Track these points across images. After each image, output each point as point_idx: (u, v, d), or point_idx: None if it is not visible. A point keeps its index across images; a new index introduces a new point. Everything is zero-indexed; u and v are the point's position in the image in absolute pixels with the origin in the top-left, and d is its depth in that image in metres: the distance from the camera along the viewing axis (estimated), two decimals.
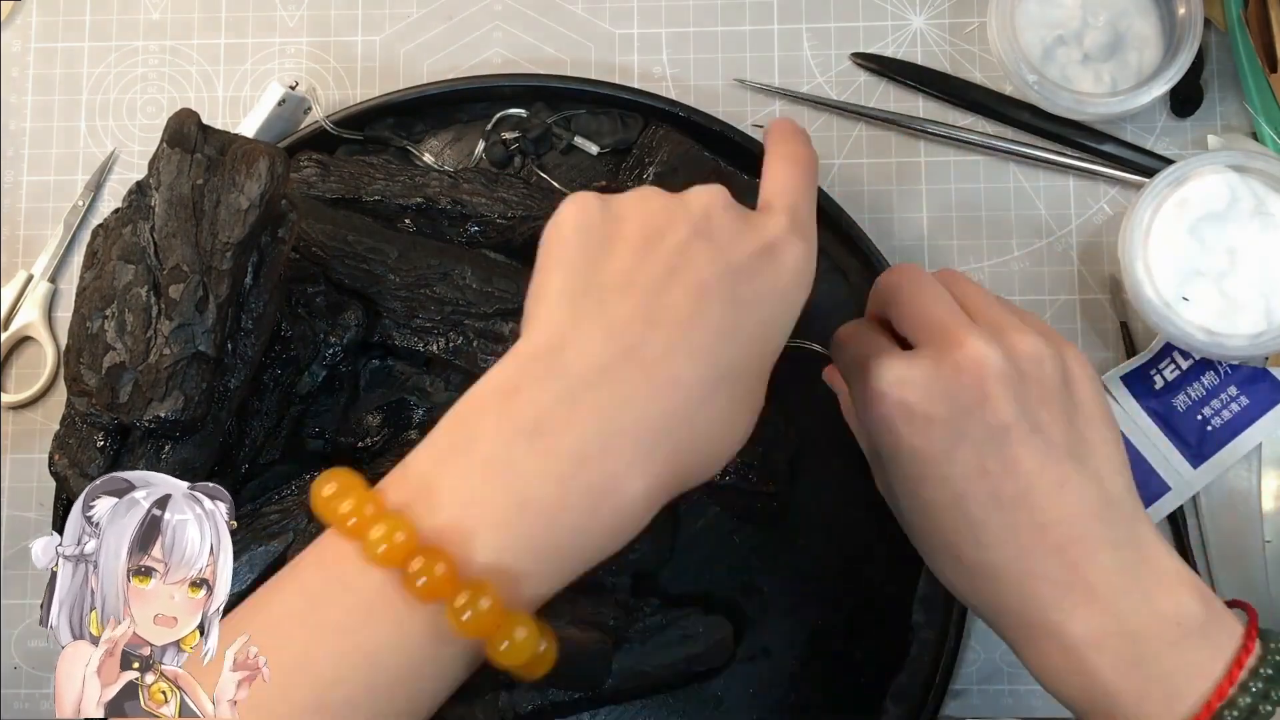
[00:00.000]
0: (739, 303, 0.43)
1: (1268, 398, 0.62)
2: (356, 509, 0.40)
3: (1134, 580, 0.44)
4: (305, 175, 0.63)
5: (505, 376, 0.42)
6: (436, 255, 0.60)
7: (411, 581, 0.39)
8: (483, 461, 0.40)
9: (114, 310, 0.53)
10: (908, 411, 0.46)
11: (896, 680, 0.61)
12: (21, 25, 0.70)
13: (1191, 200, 0.59)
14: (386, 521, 0.39)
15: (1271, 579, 0.61)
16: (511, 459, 0.40)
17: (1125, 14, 0.64)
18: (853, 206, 0.63)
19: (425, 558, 0.38)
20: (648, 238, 0.43)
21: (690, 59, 0.68)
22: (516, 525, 0.39)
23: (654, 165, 0.63)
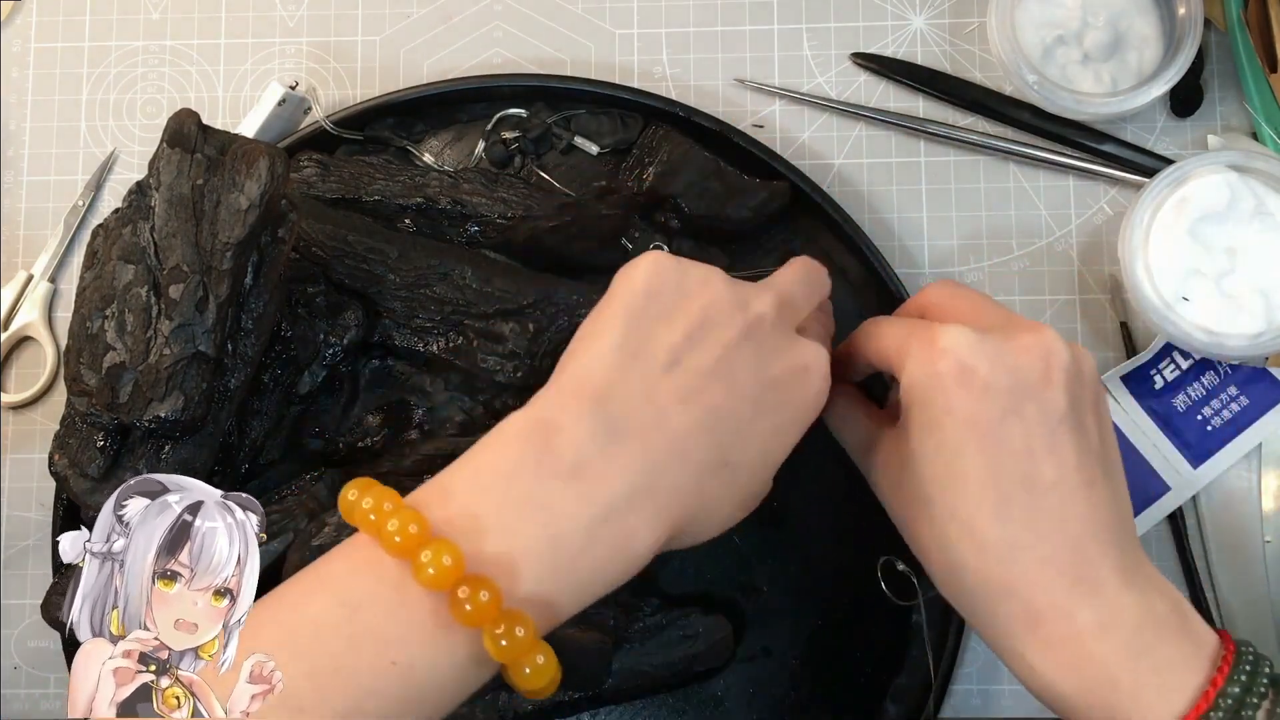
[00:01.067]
0: (763, 409, 0.47)
1: (1268, 398, 0.62)
2: (401, 527, 0.42)
3: (1134, 581, 0.46)
4: (305, 175, 0.63)
5: (549, 408, 0.45)
6: (436, 255, 0.60)
7: (458, 606, 0.41)
8: (523, 495, 0.43)
9: (114, 310, 0.53)
10: (969, 374, 0.47)
11: (896, 680, 0.61)
12: (21, 25, 0.70)
13: (1191, 200, 0.59)
14: (435, 547, 0.41)
15: (1271, 579, 0.61)
16: (549, 498, 0.43)
17: (1125, 14, 0.64)
18: (853, 206, 0.63)
19: (471, 586, 0.41)
20: (704, 324, 0.47)
21: (690, 59, 0.68)
22: (549, 560, 0.43)
23: (654, 165, 0.63)
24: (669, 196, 0.63)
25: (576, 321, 0.59)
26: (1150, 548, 0.63)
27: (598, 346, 0.46)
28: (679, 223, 0.63)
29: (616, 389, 0.45)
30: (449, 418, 0.61)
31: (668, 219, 0.63)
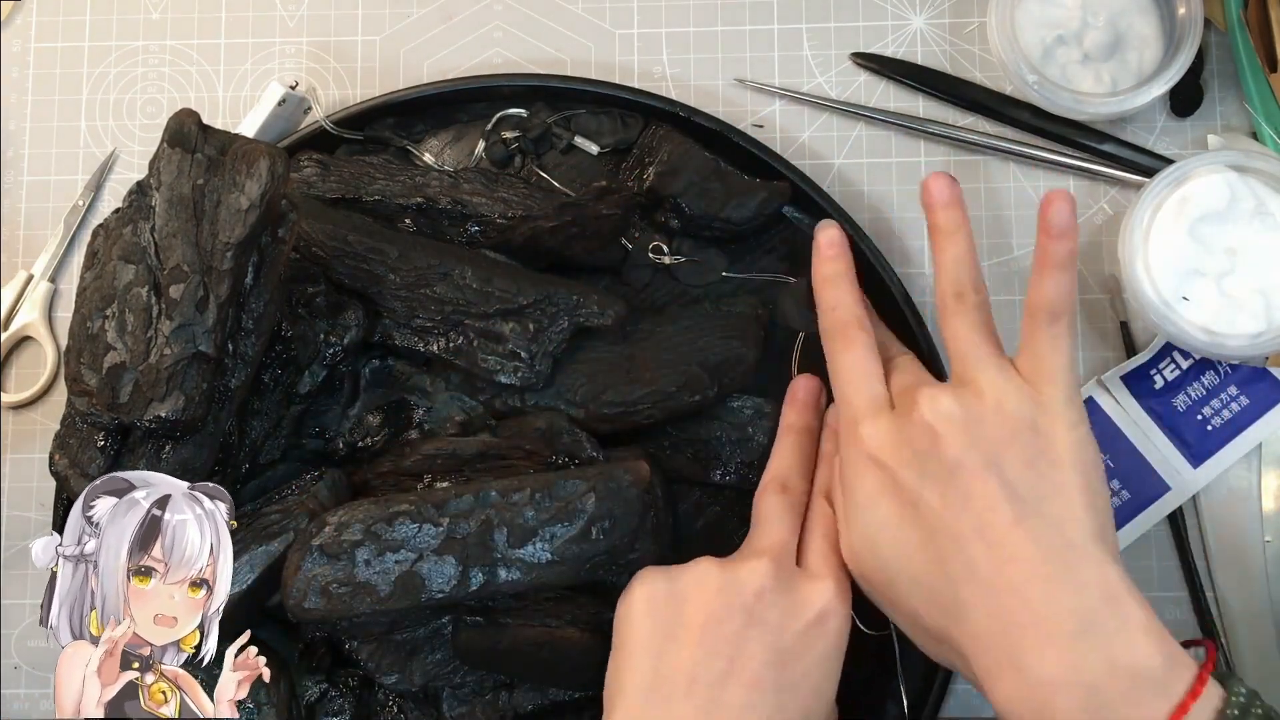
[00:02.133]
0: (788, 687, 0.49)
1: (1268, 397, 0.62)
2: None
3: (1094, 626, 0.45)
4: (305, 175, 0.63)
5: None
6: (436, 255, 0.60)
7: None
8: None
9: (114, 310, 0.53)
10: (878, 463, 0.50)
11: (896, 680, 0.61)
12: (21, 25, 0.70)
13: (1191, 200, 0.59)
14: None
15: (1271, 579, 0.61)
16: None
17: (1125, 14, 0.64)
18: (853, 206, 0.63)
19: None
20: (706, 626, 0.50)
21: (690, 59, 0.68)
22: None
23: (654, 165, 0.63)
24: (669, 196, 0.63)
25: (577, 321, 0.59)
26: (1150, 548, 0.63)
27: (620, 693, 0.50)
28: (679, 223, 0.63)
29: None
30: (449, 418, 0.61)
31: (668, 219, 0.63)
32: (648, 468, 0.55)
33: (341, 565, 0.53)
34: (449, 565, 0.53)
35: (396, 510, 0.54)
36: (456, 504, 0.54)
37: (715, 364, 0.60)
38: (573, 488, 0.55)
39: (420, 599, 0.53)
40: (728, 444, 0.61)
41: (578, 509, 0.54)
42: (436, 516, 0.54)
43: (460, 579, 0.54)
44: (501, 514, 0.54)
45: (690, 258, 0.64)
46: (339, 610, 0.53)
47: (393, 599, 0.53)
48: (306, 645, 0.59)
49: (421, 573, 0.53)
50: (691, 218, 0.63)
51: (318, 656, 0.59)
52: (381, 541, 0.54)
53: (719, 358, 0.60)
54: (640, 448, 0.60)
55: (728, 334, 0.60)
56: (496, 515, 0.54)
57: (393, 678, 0.57)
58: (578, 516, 0.54)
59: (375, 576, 0.53)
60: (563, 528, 0.54)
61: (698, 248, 0.64)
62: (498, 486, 0.55)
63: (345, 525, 0.54)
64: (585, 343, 0.60)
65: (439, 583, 0.53)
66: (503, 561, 0.54)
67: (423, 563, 0.53)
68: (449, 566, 0.53)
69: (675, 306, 0.63)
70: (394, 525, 0.54)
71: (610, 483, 0.55)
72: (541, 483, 0.55)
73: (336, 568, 0.53)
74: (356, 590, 0.53)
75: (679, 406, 0.59)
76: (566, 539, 0.54)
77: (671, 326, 0.61)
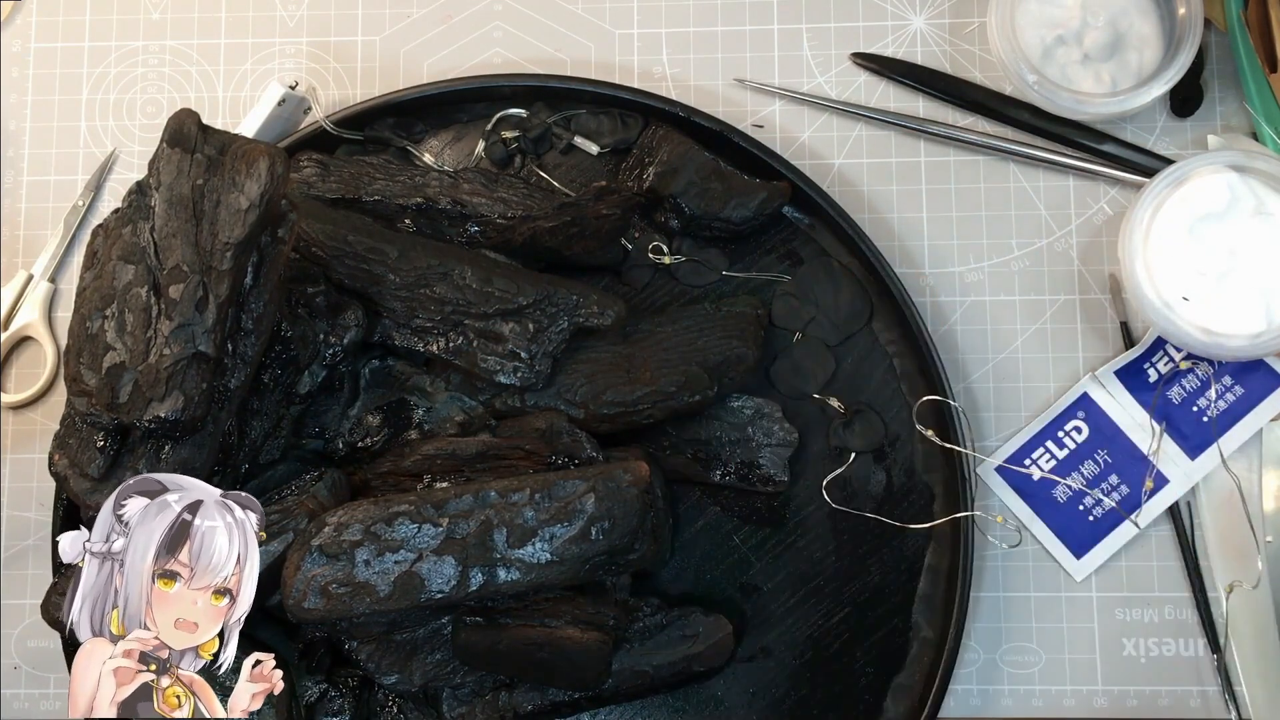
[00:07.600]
0: None
1: (1263, 385, 0.62)
2: None
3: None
4: (305, 175, 0.63)
5: None
6: (436, 255, 0.60)
7: None
8: None
9: (114, 310, 0.53)
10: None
11: (896, 680, 0.61)
12: (21, 25, 0.70)
13: (1191, 200, 0.59)
14: None
15: (1272, 579, 0.61)
16: None
17: (1125, 14, 0.64)
18: (853, 206, 0.63)
19: None
20: None
21: (690, 59, 0.68)
22: None
23: (654, 165, 0.63)
24: (669, 196, 0.63)
25: (576, 321, 0.59)
26: (1150, 548, 0.63)
27: None
28: (679, 223, 0.63)
29: None
30: (449, 418, 0.61)
31: (668, 219, 0.63)
32: (647, 468, 0.55)
33: (341, 565, 0.53)
34: (449, 565, 0.54)
35: (396, 510, 0.54)
36: (456, 504, 0.54)
37: (715, 364, 0.60)
38: (572, 488, 0.55)
39: (420, 599, 0.53)
40: (728, 444, 0.61)
41: (577, 509, 0.54)
42: (436, 517, 0.54)
43: (460, 579, 0.54)
44: (501, 514, 0.54)
45: (690, 258, 0.64)
46: (339, 610, 0.53)
47: (392, 599, 0.53)
48: (306, 645, 0.59)
49: (421, 573, 0.53)
50: (691, 218, 0.63)
51: (318, 656, 0.59)
52: (381, 542, 0.54)
53: (719, 358, 0.60)
54: (640, 448, 0.60)
55: (728, 334, 0.61)
56: (496, 515, 0.54)
57: (392, 678, 0.57)
58: (577, 517, 0.54)
59: (375, 577, 0.53)
60: (562, 528, 0.54)
61: (698, 248, 0.64)
62: (497, 487, 0.55)
63: (345, 525, 0.54)
64: (585, 343, 0.61)
65: (438, 583, 0.53)
66: (502, 562, 0.54)
67: (422, 563, 0.53)
68: (449, 567, 0.54)
69: (675, 306, 0.63)
70: (394, 525, 0.54)
71: (609, 483, 0.55)
72: (541, 483, 0.55)
73: (336, 568, 0.53)
74: (356, 590, 0.53)
75: (679, 406, 0.59)
76: (566, 539, 0.54)
77: (671, 326, 0.61)
